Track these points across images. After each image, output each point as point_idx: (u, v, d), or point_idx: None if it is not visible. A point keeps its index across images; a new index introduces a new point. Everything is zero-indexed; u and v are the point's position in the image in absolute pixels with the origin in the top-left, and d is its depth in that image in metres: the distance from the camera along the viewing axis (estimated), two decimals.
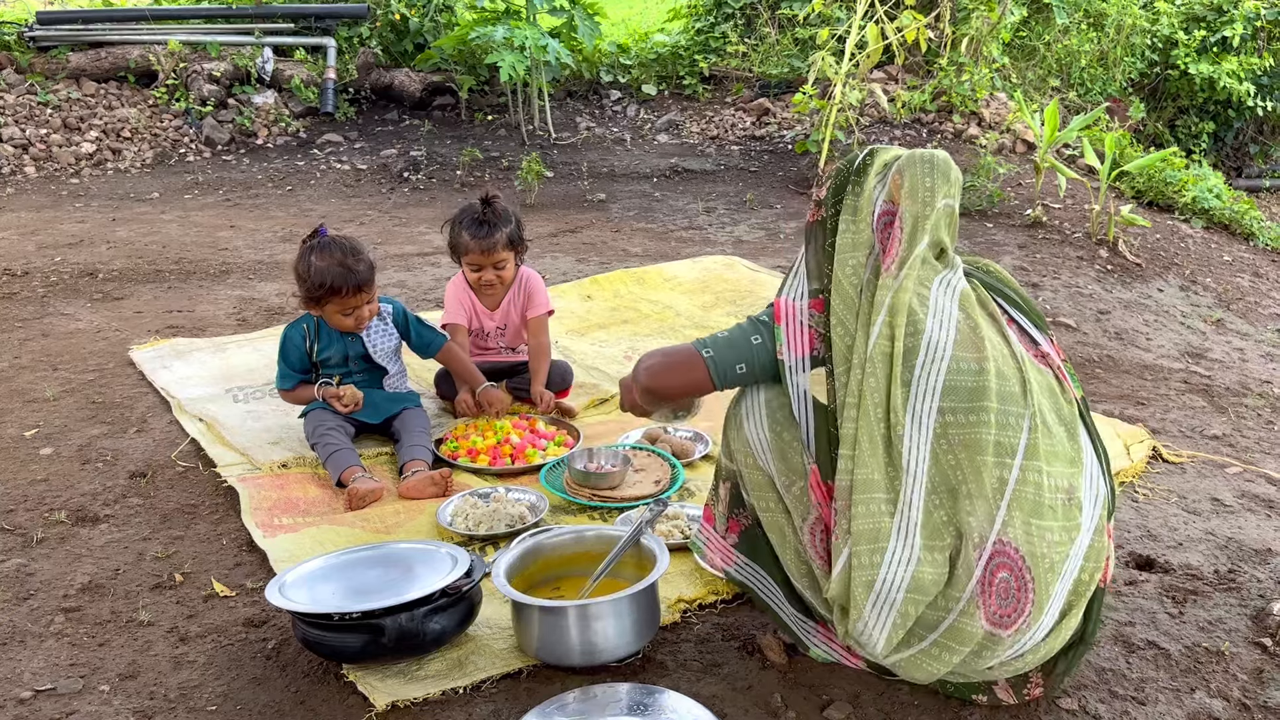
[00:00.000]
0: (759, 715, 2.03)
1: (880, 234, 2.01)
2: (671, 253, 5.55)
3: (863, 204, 2.02)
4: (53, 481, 3.01)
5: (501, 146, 7.86)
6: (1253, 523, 2.84)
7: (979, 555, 1.87)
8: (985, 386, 1.89)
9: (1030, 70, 8.39)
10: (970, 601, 1.89)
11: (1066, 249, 5.71)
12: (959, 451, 1.88)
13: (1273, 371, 4.38)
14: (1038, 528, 1.88)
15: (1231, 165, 9.34)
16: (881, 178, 2.04)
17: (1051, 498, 1.90)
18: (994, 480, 1.87)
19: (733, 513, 2.22)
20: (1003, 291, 2.12)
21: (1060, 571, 1.91)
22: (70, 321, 4.42)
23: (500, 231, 3.42)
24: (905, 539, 1.88)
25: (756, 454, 2.09)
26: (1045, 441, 1.90)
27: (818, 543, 2.04)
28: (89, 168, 7.50)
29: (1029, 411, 1.90)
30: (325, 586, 2.24)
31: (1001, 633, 1.91)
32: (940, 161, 2.02)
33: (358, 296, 3.10)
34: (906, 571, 1.88)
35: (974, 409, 1.88)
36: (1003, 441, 1.87)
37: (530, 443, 3.22)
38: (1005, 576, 1.88)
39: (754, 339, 2.07)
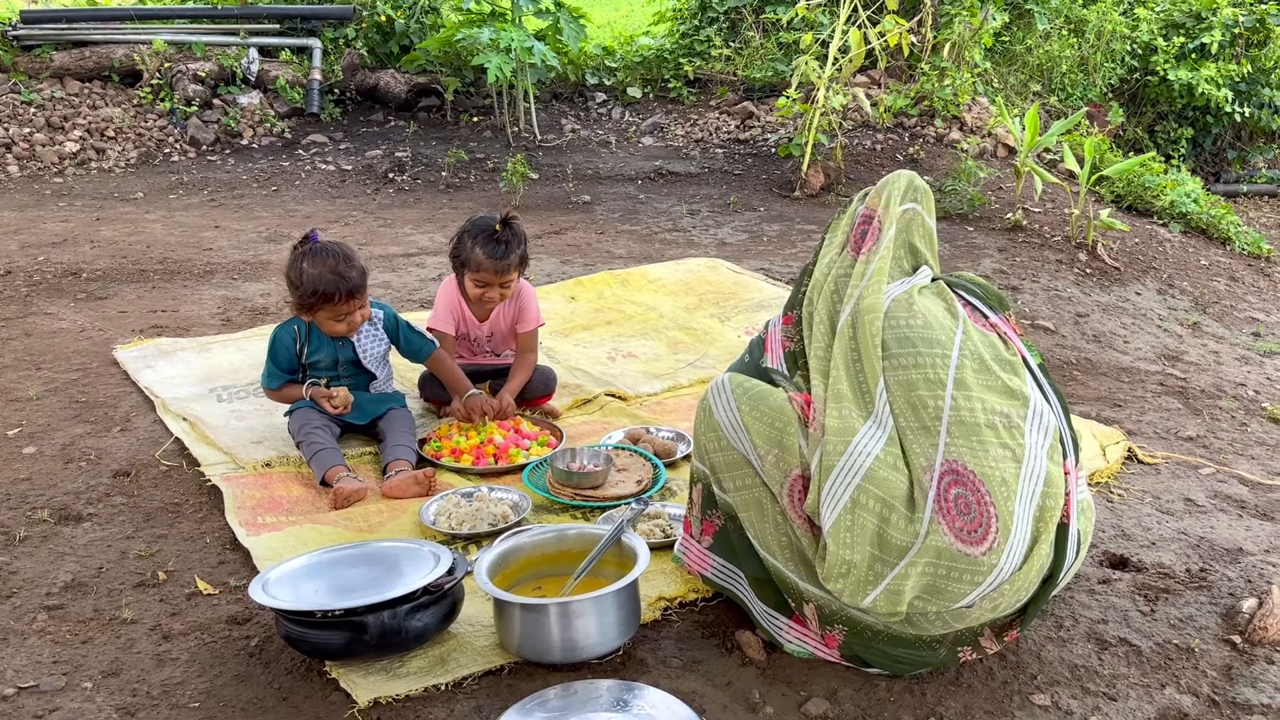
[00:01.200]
0: (738, 712, 2.06)
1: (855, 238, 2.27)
2: (655, 254, 5.57)
3: (843, 223, 2.32)
4: (36, 480, 3.02)
5: (487, 148, 7.88)
6: (1225, 523, 2.89)
7: (930, 478, 2.02)
8: (910, 336, 2.12)
9: (1011, 75, 8.46)
10: (932, 521, 2.00)
11: (1046, 252, 5.76)
12: (896, 393, 2.08)
13: (1247, 374, 4.44)
14: (979, 444, 2.04)
15: (1209, 170, 9.43)
16: (862, 198, 2.31)
17: (988, 418, 2.07)
18: (931, 409, 2.06)
19: (705, 514, 2.27)
20: (962, 285, 2.33)
21: (1015, 490, 2.02)
22: (54, 321, 4.42)
23: (515, 253, 3.38)
24: (874, 430, 2.05)
25: (729, 435, 2.22)
26: (977, 377, 2.10)
27: (796, 502, 2.12)
28: (73, 167, 7.48)
29: (955, 350, 2.11)
30: (308, 584, 2.25)
31: (974, 550, 1.98)
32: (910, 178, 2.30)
33: (350, 303, 3.11)
34: (866, 460, 2.02)
35: (904, 354, 2.10)
36: (931, 377, 2.08)
37: (513, 443, 3.24)
38: (960, 492, 2.01)
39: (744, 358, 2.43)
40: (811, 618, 2.15)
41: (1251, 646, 2.28)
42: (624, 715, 1.98)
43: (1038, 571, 2.08)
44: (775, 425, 2.17)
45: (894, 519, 2.01)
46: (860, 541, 2.01)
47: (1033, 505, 2.06)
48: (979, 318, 2.26)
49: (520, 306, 3.54)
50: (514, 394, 3.45)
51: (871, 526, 2.00)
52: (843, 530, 2.02)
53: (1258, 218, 8.32)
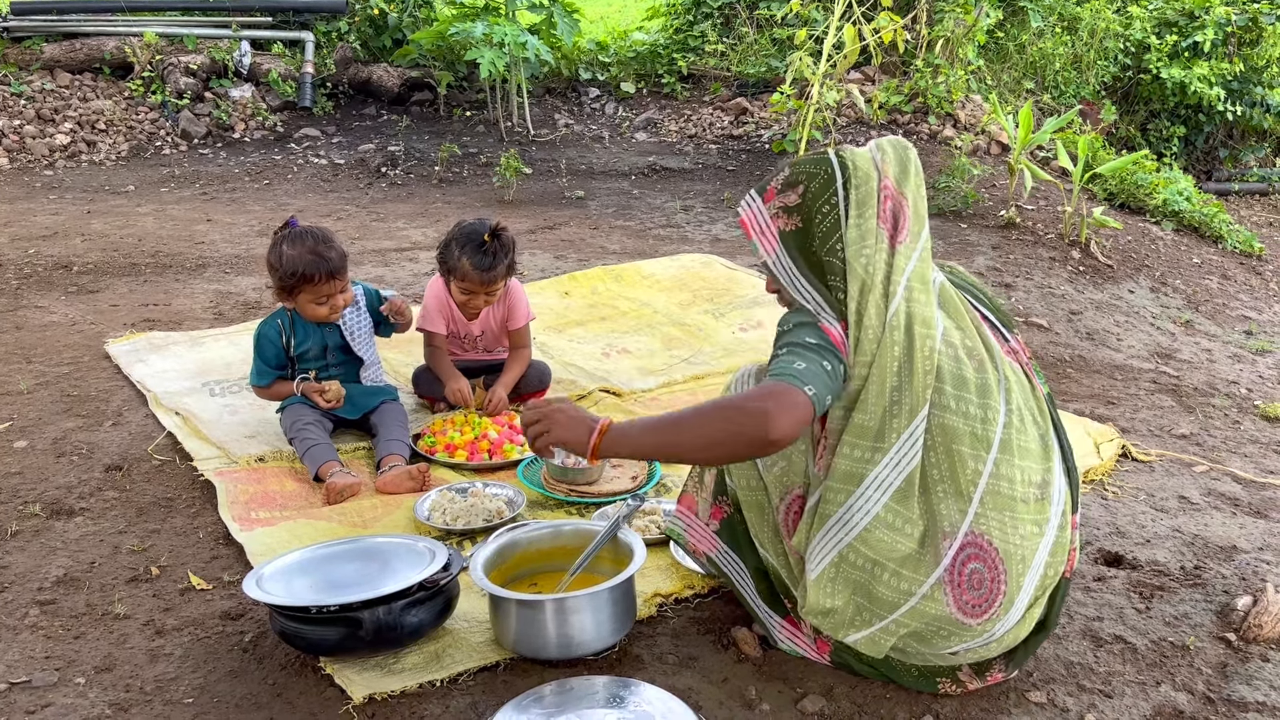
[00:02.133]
0: (734, 708, 2.06)
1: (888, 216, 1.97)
2: (649, 250, 5.57)
3: (868, 194, 1.97)
4: (27, 474, 3.00)
5: (480, 143, 7.86)
6: (1218, 520, 2.90)
7: (949, 545, 1.92)
8: (966, 377, 1.93)
9: (1005, 72, 8.47)
10: (936, 587, 1.93)
11: (1039, 250, 5.77)
12: (936, 436, 1.92)
13: (1240, 372, 4.45)
14: (1011, 520, 1.93)
15: (1202, 169, 9.46)
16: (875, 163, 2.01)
17: (1024, 491, 1.94)
18: (968, 472, 1.91)
19: (716, 499, 2.25)
20: (970, 290, 2.16)
21: (1031, 565, 1.96)
22: (44, 314, 4.39)
23: (502, 264, 3.35)
24: (877, 490, 1.92)
25: None
26: (1019, 437, 1.95)
27: (790, 523, 2.09)
28: (63, 160, 7.44)
29: (1005, 407, 1.95)
30: (302, 580, 2.24)
31: (972, 621, 1.95)
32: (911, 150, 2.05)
33: (330, 284, 3.09)
34: (864, 518, 1.93)
35: (958, 396, 1.92)
36: (979, 434, 1.91)
37: (508, 438, 3.23)
38: (978, 567, 1.93)
39: (826, 365, 1.92)
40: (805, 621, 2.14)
41: (1246, 644, 2.28)
42: (620, 711, 1.97)
43: (1027, 625, 2.05)
44: None
45: (884, 576, 1.96)
46: (842, 591, 1.99)
47: (1040, 574, 1.99)
48: (1000, 339, 2.09)
49: (509, 304, 3.54)
50: (508, 388, 3.45)
51: (856, 579, 1.97)
52: (825, 581, 1.99)
53: (1249, 216, 8.35)
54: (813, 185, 2.00)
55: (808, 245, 2.00)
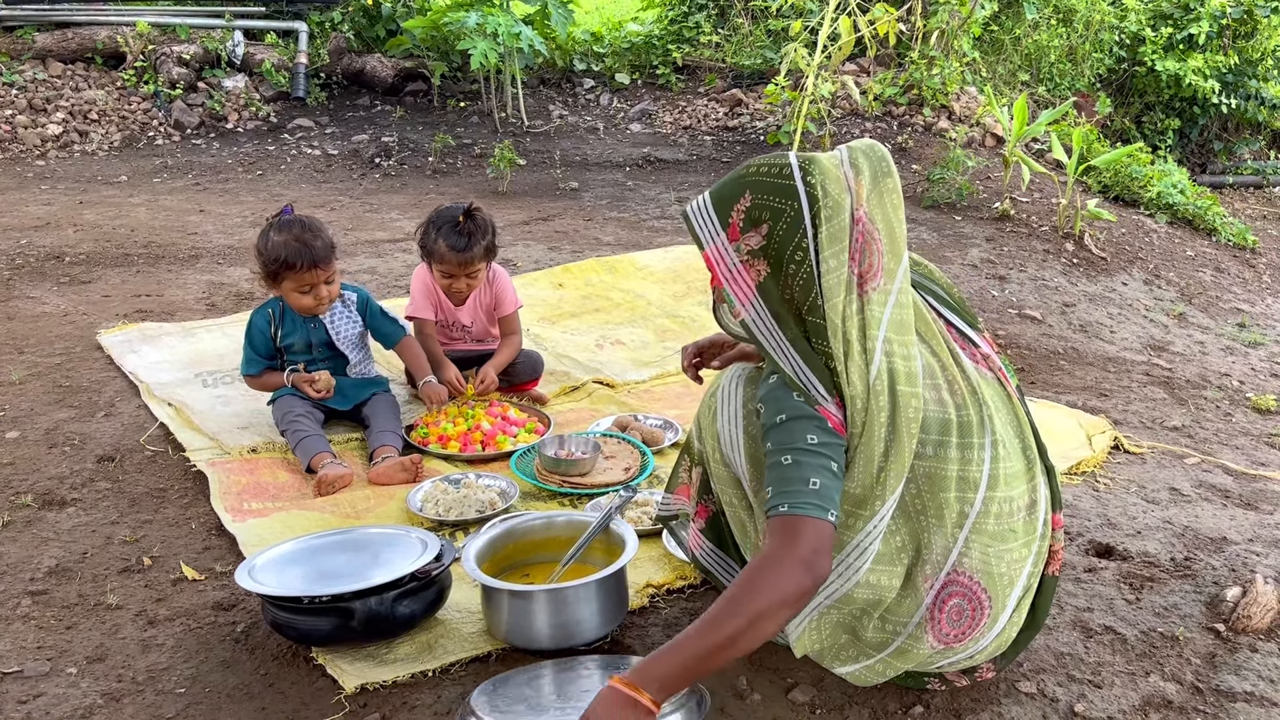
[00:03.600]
0: (725, 698, 2.06)
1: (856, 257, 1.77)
2: (644, 242, 5.56)
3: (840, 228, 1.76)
4: (19, 465, 2.99)
5: (474, 134, 7.84)
6: (1209, 512, 2.91)
7: (930, 585, 1.86)
8: (948, 419, 1.82)
9: (1000, 65, 8.47)
10: (919, 626, 1.89)
11: (1034, 242, 5.78)
12: (921, 484, 1.83)
13: (1232, 365, 4.46)
14: (996, 553, 1.86)
15: (1196, 161, 9.47)
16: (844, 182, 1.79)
17: (1012, 522, 1.88)
18: (954, 515, 1.83)
19: (701, 498, 2.23)
20: (934, 292, 2.01)
21: (1017, 581, 1.93)
22: (37, 305, 4.38)
23: (479, 244, 3.37)
24: (858, 555, 1.84)
25: (725, 450, 2.02)
26: (1005, 466, 1.86)
27: None
28: (55, 150, 7.41)
29: (989, 440, 1.84)
30: (294, 570, 2.24)
31: (953, 645, 1.93)
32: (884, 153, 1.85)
33: (314, 273, 3.08)
34: (847, 585, 1.87)
35: (941, 442, 1.81)
36: (965, 475, 1.82)
37: (501, 429, 3.23)
38: (959, 603, 1.87)
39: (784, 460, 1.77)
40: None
41: (1235, 635, 2.29)
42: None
43: (1011, 632, 2.00)
44: None
45: (870, 622, 1.92)
46: (829, 630, 1.96)
47: (1023, 585, 1.94)
48: (966, 344, 1.97)
49: (496, 291, 3.55)
50: (498, 369, 3.47)
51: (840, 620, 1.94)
52: (809, 630, 1.95)
53: (1243, 209, 8.36)
54: (779, 226, 1.77)
55: (783, 297, 1.79)
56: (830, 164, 1.80)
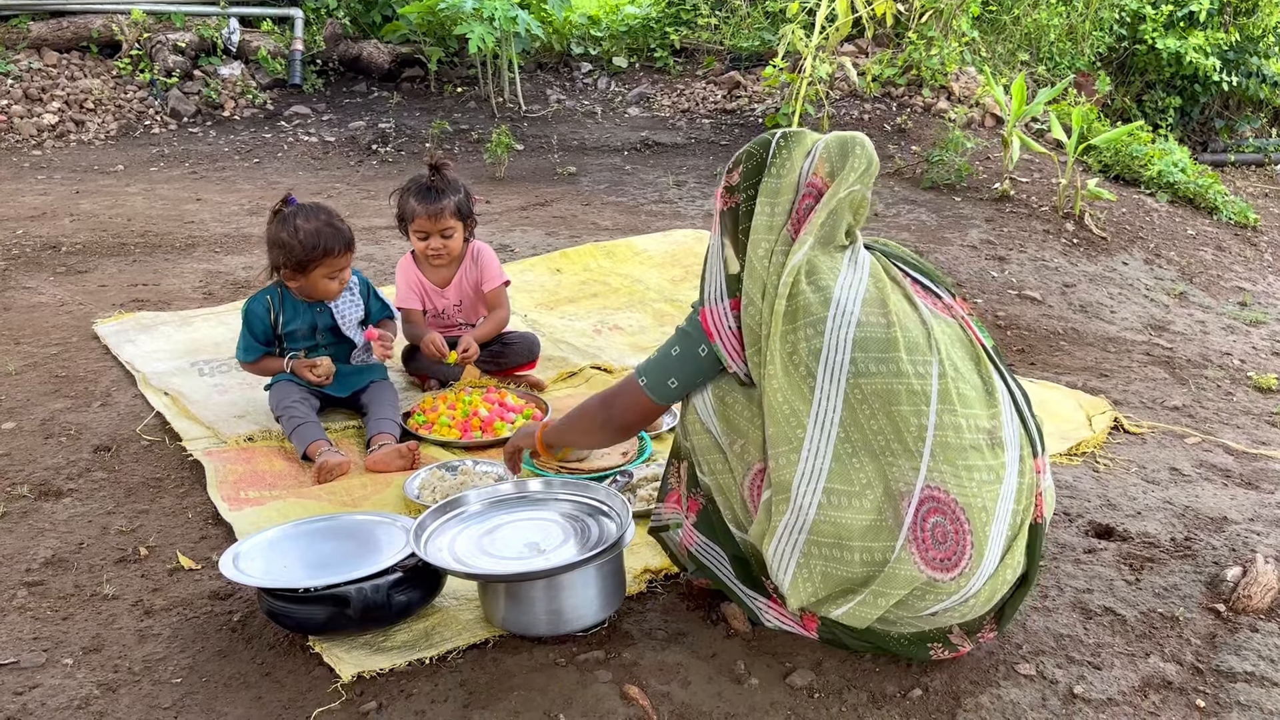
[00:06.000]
0: (723, 683, 2.06)
1: (797, 215, 2.01)
2: (642, 226, 5.54)
3: (784, 185, 2.02)
4: (15, 456, 2.99)
5: (471, 119, 7.81)
6: (1209, 492, 2.90)
7: (907, 505, 1.91)
8: (893, 339, 1.93)
9: (999, 44, 8.42)
10: (903, 549, 1.92)
11: (1033, 222, 5.75)
12: (874, 404, 1.91)
13: (1233, 344, 4.44)
14: (965, 468, 1.91)
15: (1197, 140, 9.43)
16: (809, 157, 2.03)
17: (974, 438, 1.93)
18: (913, 430, 1.90)
19: (690, 493, 2.23)
20: (902, 258, 2.15)
21: (994, 513, 1.94)
22: (33, 295, 4.37)
23: (448, 198, 3.42)
24: (809, 485, 1.93)
25: (704, 420, 2.13)
26: (958, 386, 1.94)
27: (755, 495, 2.08)
28: (51, 139, 7.39)
29: (936, 359, 1.94)
30: (279, 559, 2.24)
31: (943, 576, 1.93)
32: (858, 145, 2.02)
33: (347, 255, 3.12)
34: (807, 518, 1.94)
35: (885, 359, 1.92)
36: (916, 389, 1.91)
37: (498, 415, 3.22)
38: (939, 520, 1.92)
39: (673, 351, 2.13)
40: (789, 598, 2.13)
41: (1235, 615, 2.28)
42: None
43: (1010, 576, 2.03)
44: (743, 415, 2.06)
45: (853, 555, 1.95)
46: (819, 581, 1.99)
47: (1007, 524, 1.98)
48: (931, 297, 2.09)
49: (481, 267, 3.57)
50: (480, 339, 3.48)
51: (826, 569, 1.97)
52: (800, 582, 1.99)
53: (1245, 187, 8.33)
54: (749, 165, 2.06)
55: (734, 223, 2.06)
56: (810, 138, 2.05)
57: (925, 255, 5.08)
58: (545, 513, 2.36)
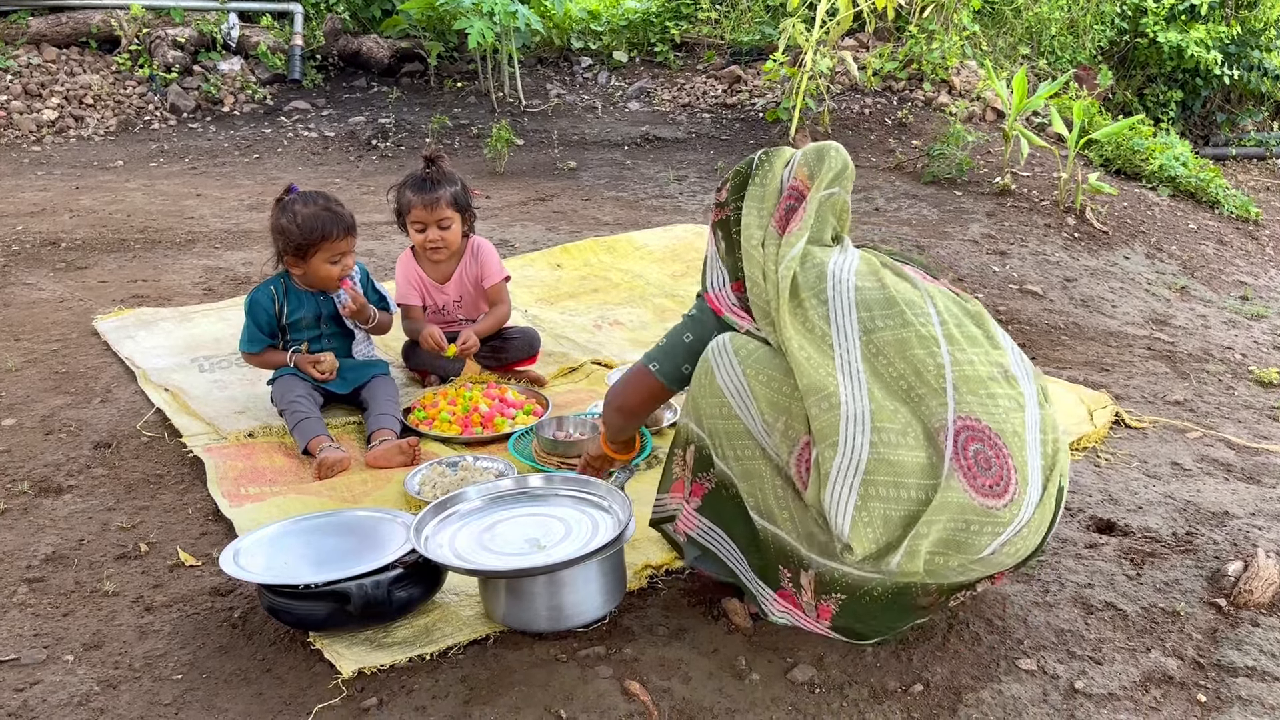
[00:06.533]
0: (725, 679, 2.06)
1: (780, 213, 2.19)
2: (642, 221, 5.53)
3: (768, 191, 2.22)
4: (15, 452, 2.98)
5: (471, 114, 7.80)
6: (1211, 486, 2.89)
7: (945, 437, 1.97)
8: (891, 297, 2.09)
9: (1000, 38, 8.40)
10: (949, 478, 1.95)
11: (1034, 217, 5.74)
12: (889, 354, 2.03)
13: (1234, 338, 4.44)
14: (988, 397, 2.00)
15: (1199, 134, 9.41)
16: (789, 166, 2.24)
17: (989, 371, 2.04)
18: (932, 370, 2.01)
19: (696, 476, 2.23)
20: (893, 253, 2.30)
21: (1026, 440, 2.00)
22: (32, 291, 4.37)
23: (443, 189, 3.42)
24: (856, 427, 1.97)
25: (734, 402, 2.12)
26: (960, 330, 2.08)
27: (803, 468, 2.05)
28: (51, 135, 7.38)
29: (934, 310, 2.09)
30: (279, 555, 2.24)
31: (995, 503, 1.96)
32: (833, 149, 2.22)
33: (347, 240, 3.12)
34: (861, 457, 1.96)
35: (889, 314, 2.07)
36: (924, 334, 2.04)
37: (499, 411, 3.22)
38: (979, 447, 1.97)
39: (685, 338, 2.28)
40: (807, 587, 2.11)
41: (1236, 610, 2.28)
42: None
43: (1050, 514, 2.07)
44: (782, 391, 2.08)
45: (909, 492, 1.96)
46: (880, 525, 1.97)
47: (1039, 451, 2.03)
48: (923, 273, 2.25)
49: (481, 263, 3.56)
50: (480, 334, 3.47)
51: (884, 510, 1.96)
52: (860, 526, 1.97)
53: (1246, 181, 8.31)
54: (735, 181, 2.28)
55: (727, 229, 2.26)
56: (788, 151, 2.27)
57: (926, 249, 5.07)
58: (546, 508, 2.36)
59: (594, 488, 2.38)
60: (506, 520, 2.32)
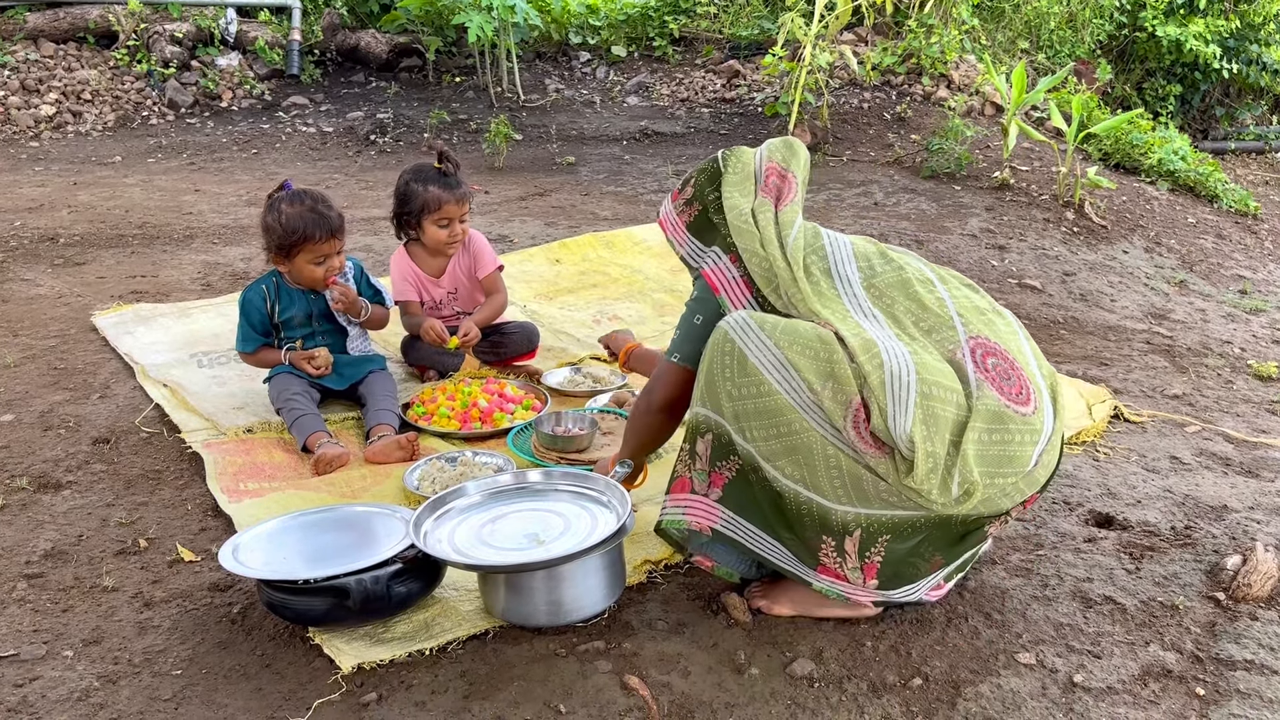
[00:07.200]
0: (724, 673, 2.06)
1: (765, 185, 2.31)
2: (641, 216, 5.53)
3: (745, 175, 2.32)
4: (14, 448, 2.98)
5: (469, 109, 7.79)
6: (1209, 480, 2.89)
7: (963, 354, 2.08)
8: (883, 250, 2.30)
9: (999, 32, 8.39)
10: (979, 388, 2.03)
11: (1033, 211, 5.74)
12: (894, 294, 2.19)
13: (1233, 332, 4.44)
14: (987, 322, 2.17)
15: (1198, 128, 9.40)
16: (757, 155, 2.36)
17: (980, 302, 2.24)
18: (935, 301, 2.18)
19: (714, 467, 2.15)
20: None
21: (1028, 357, 2.16)
22: (31, 287, 4.36)
23: (465, 184, 3.44)
24: (890, 343, 2.06)
25: (773, 377, 2.05)
26: (945, 273, 2.28)
27: (864, 430, 2.00)
28: (49, 131, 7.37)
29: (920, 263, 2.30)
30: (278, 551, 2.24)
31: (1025, 409, 2.05)
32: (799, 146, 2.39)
33: (330, 243, 3.09)
34: (905, 359, 2.01)
35: (885, 261, 2.26)
36: (920, 276, 2.23)
37: (498, 406, 3.22)
38: (996, 361, 2.09)
39: (696, 320, 2.31)
40: (851, 551, 2.07)
41: (1235, 603, 2.28)
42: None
43: (1059, 438, 2.16)
44: (821, 356, 2.03)
45: (948, 396, 2.00)
46: (939, 431, 1.96)
47: (1040, 372, 2.16)
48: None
49: (474, 253, 3.56)
50: (480, 324, 3.46)
51: (935, 409, 1.96)
52: (919, 424, 1.94)
53: (1245, 175, 8.31)
54: (701, 178, 2.37)
55: (706, 221, 2.32)
56: (749, 149, 2.39)
57: (925, 244, 5.07)
58: (545, 503, 2.36)
59: (593, 483, 2.38)
60: (505, 515, 2.32)
